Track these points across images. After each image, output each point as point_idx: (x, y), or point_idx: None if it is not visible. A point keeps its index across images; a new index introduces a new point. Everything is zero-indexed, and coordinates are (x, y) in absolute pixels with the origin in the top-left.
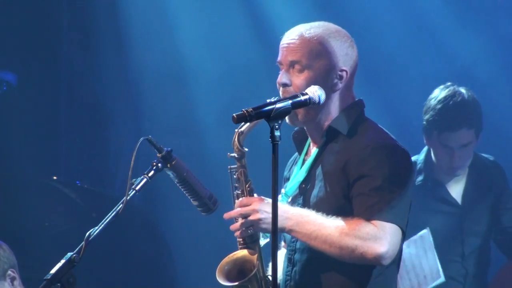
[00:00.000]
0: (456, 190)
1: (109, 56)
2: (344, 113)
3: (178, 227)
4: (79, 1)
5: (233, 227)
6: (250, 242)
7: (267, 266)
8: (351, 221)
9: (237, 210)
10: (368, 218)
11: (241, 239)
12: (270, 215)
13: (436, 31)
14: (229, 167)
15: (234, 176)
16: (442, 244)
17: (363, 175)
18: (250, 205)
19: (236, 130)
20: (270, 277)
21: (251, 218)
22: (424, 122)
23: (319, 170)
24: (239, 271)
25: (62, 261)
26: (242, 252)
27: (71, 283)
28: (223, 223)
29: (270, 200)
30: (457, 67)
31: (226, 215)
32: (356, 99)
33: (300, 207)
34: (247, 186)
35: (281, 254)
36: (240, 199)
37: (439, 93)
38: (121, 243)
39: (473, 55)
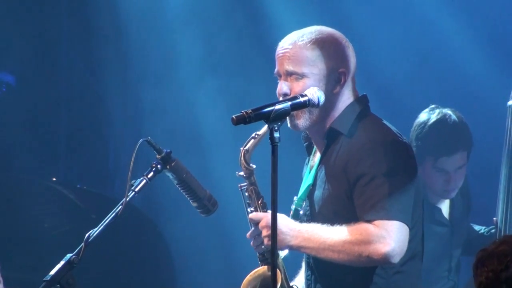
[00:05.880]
0: (444, 208)
1: (109, 56)
2: (344, 113)
3: (178, 228)
4: (79, 2)
5: (252, 244)
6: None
7: (291, 279)
8: (353, 226)
9: (252, 230)
10: (370, 218)
11: (261, 255)
12: (279, 231)
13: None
14: (239, 185)
15: (246, 194)
16: (432, 264)
17: (361, 174)
18: (259, 221)
19: (241, 148)
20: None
21: (262, 235)
22: (415, 148)
23: (322, 172)
24: (263, 287)
25: (62, 263)
26: (265, 268)
27: (71, 284)
28: (222, 224)
29: (280, 214)
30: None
31: (248, 235)
32: (360, 95)
33: (306, 210)
34: (259, 202)
35: None
36: (250, 215)
37: (428, 117)
38: (120, 244)
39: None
